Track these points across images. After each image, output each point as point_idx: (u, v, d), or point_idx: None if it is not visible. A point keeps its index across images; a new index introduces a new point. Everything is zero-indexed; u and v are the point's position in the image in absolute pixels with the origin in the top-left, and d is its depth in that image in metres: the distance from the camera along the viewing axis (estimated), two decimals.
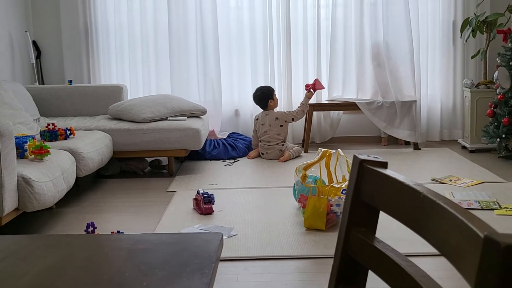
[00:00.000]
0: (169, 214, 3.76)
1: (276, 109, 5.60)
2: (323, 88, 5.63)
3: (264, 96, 5.48)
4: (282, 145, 5.40)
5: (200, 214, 3.72)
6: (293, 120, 5.52)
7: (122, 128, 4.73)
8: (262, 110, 5.53)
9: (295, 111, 5.55)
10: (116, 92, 5.41)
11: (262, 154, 5.40)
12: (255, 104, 5.58)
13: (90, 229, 3.16)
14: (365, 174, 1.07)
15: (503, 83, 4.96)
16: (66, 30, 5.79)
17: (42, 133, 4.23)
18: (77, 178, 3.94)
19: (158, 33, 5.83)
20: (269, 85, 5.67)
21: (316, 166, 3.65)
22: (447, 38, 5.86)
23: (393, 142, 5.88)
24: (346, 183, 3.45)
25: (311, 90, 5.52)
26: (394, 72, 5.64)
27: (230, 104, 5.94)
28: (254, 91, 5.56)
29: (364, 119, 5.85)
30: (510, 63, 4.96)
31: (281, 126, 5.44)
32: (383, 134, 5.90)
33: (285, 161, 5.21)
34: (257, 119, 5.53)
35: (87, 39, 5.80)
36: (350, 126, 6.04)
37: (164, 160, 5.11)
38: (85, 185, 4.59)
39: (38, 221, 3.71)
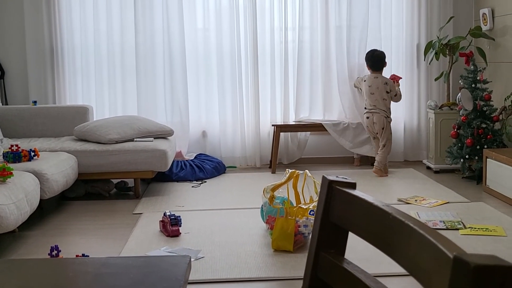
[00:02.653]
0: (135, 237, 3.70)
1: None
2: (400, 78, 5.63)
3: (383, 57, 5.49)
4: (387, 117, 5.41)
5: (167, 236, 3.68)
6: (395, 96, 5.49)
7: (88, 150, 4.67)
8: (370, 72, 5.51)
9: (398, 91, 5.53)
10: (81, 113, 5.34)
11: (368, 118, 5.47)
12: (366, 64, 5.54)
13: (54, 252, 3.09)
14: (334, 195, 1.07)
15: (465, 105, 5.06)
16: (31, 49, 5.71)
17: (5, 155, 4.14)
18: (41, 200, 3.87)
19: (125, 53, 5.79)
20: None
21: (283, 187, 3.65)
22: (411, 60, 5.97)
23: (365, 163, 5.91)
24: (314, 204, 3.46)
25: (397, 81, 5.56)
26: (360, 93, 5.73)
27: (197, 125, 5.92)
28: (370, 50, 5.53)
29: (330, 140, 5.89)
30: (472, 85, 5.08)
31: (388, 92, 5.44)
32: (356, 155, 5.93)
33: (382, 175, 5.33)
34: (365, 80, 5.51)
35: (52, 59, 5.73)
36: (317, 147, 6.07)
37: (130, 182, 5.04)
38: (49, 208, 4.49)
39: (0, 244, 3.62)
